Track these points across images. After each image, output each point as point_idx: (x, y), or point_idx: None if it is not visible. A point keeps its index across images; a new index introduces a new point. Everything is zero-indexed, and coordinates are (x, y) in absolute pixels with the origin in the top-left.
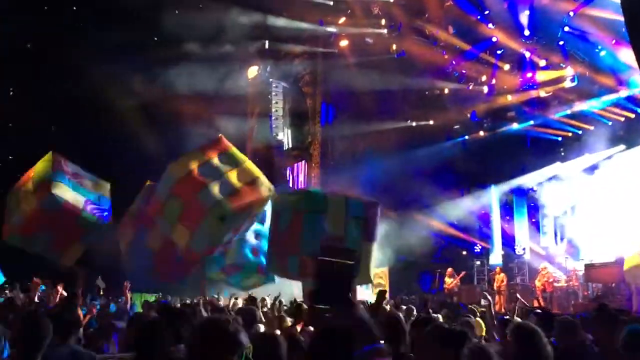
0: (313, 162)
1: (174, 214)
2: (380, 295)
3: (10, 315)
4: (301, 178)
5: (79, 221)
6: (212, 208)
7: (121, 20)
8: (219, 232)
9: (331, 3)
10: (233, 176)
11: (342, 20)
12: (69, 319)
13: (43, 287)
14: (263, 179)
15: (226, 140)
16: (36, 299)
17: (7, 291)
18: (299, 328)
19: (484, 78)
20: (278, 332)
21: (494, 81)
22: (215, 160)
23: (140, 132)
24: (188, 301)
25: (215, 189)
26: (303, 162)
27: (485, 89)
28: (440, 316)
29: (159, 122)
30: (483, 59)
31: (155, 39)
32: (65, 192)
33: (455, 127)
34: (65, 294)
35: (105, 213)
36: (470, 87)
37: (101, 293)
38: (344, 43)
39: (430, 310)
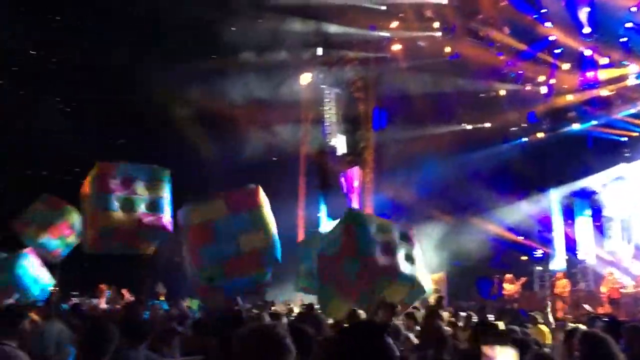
0: (367, 168)
1: None
2: (438, 301)
3: (76, 320)
4: (355, 184)
5: (140, 235)
6: (209, 265)
7: (179, 31)
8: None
9: (383, 8)
10: (245, 240)
11: (395, 24)
12: (141, 324)
13: (109, 293)
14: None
15: (262, 193)
16: (104, 305)
17: (73, 298)
18: None
19: (542, 78)
20: None
21: (552, 81)
22: (238, 218)
23: (199, 141)
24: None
25: (220, 248)
26: (357, 167)
27: (544, 89)
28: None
29: (216, 130)
30: (540, 58)
31: (213, 49)
32: (114, 219)
33: (513, 129)
34: (131, 299)
35: (166, 218)
36: (528, 88)
37: (162, 298)
38: (396, 47)
39: (489, 317)
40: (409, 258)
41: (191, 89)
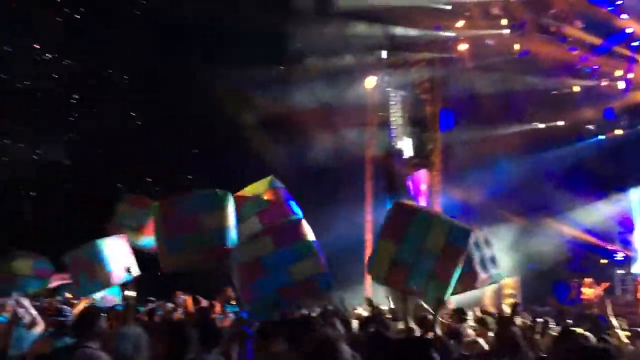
0: (434, 170)
1: None
2: (513, 307)
3: (152, 323)
4: (422, 187)
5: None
6: (262, 297)
7: (244, 37)
8: None
9: (449, 7)
10: (296, 270)
11: (460, 23)
12: (214, 329)
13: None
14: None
15: (306, 225)
16: (180, 310)
17: (149, 303)
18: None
19: (619, 73)
20: None
21: (630, 75)
22: (286, 251)
23: (266, 148)
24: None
25: (273, 279)
26: (424, 170)
27: (621, 84)
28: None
29: (282, 136)
30: (617, 52)
31: (279, 55)
32: (183, 258)
33: (588, 126)
34: (203, 304)
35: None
36: (604, 84)
37: (232, 303)
38: (462, 47)
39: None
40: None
41: (258, 95)
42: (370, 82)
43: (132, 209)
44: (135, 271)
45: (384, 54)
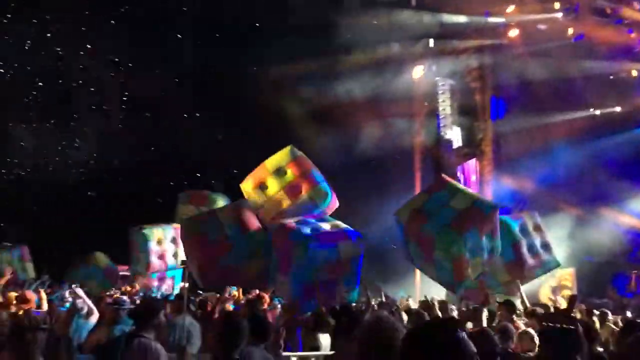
0: (485, 160)
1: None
2: (571, 300)
3: (200, 312)
4: (473, 177)
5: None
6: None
7: (293, 30)
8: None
9: None
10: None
11: (511, 8)
12: (265, 322)
13: (234, 288)
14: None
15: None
16: (230, 302)
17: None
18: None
19: None
20: None
21: None
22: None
23: (312, 139)
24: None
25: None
26: (474, 160)
27: None
28: None
29: (331, 128)
30: None
31: (326, 46)
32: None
33: None
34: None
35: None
36: None
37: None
38: (513, 33)
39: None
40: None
41: (305, 87)
42: (418, 71)
43: (195, 208)
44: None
45: (431, 42)
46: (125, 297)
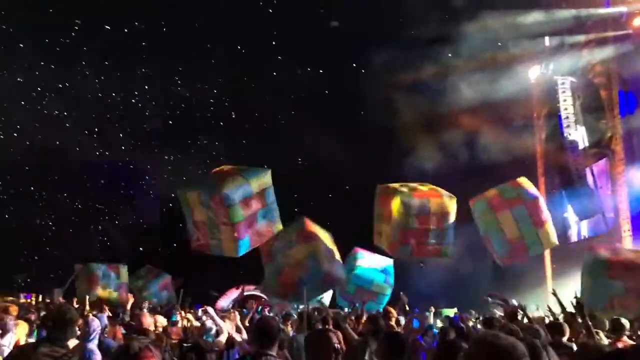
0: (616, 159)
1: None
2: None
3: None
4: (604, 178)
5: None
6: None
7: (401, 39)
8: None
9: None
10: None
11: None
12: (403, 339)
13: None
14: None
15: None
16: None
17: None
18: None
19: None
20: None
21: None
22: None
23: (425, 148)
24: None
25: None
26: (604, 160)
27: None
28: None
29: (449, 134)
30: None
31: (440, 52)
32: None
33: None
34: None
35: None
36: None
37: (406, 308)
38: (638, 21)
39: None
40: None
41: (419, 93)
42: (534, 72)
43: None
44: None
45: (546, 40)
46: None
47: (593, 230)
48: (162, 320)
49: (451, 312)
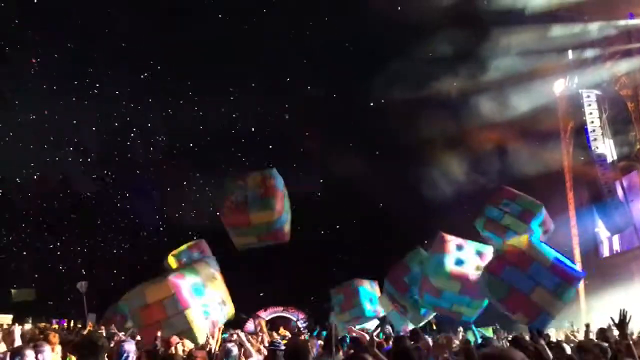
0: None
1: None
2: None
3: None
4: (634, 191)
5: None
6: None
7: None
8: None
9: None
10: None
11: None
12: None
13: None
14: None
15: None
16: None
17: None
18: None
19: None
20: None
21: None
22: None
23: (456, 163)
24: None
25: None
26: (634, 172)
27: None
28: None
29: (475, 151)
30: None
31: (462, 68)
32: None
33: None
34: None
35: None
36: None
37: (434, 328)
38: None
39: None
40: None
41: (442, 110)
42: (558, 86)
43: None
44: None
45: (570, 53)
46: (279, 339)
47: (625, 245)
48: (189, 344)
49: (488, 330)
